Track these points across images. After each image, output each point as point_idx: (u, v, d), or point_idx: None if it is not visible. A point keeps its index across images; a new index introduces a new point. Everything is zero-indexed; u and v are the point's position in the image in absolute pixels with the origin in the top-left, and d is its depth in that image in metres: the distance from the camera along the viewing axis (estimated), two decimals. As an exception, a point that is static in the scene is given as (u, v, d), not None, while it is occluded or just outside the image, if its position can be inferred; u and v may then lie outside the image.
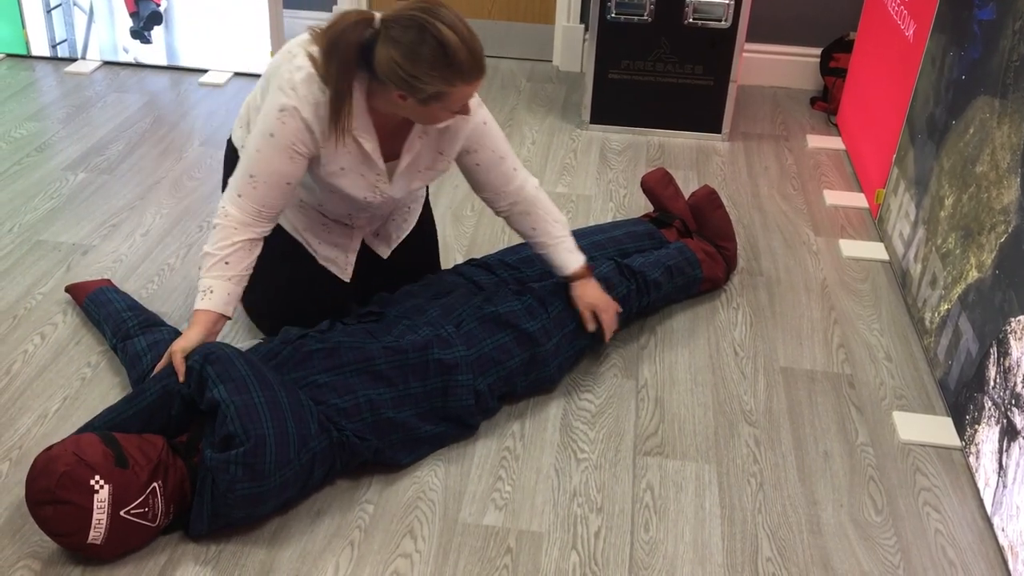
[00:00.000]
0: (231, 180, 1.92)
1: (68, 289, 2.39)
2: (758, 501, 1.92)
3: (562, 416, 2.12)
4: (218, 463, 1.70)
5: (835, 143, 3.39)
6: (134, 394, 1.85)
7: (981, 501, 1.94)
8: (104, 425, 1.81)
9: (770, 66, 3.81)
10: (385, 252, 2.26)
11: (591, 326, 2.16)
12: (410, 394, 1.94)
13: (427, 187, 2.34)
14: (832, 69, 3.59)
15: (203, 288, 1.89)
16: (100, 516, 1.62)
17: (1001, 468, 1.87)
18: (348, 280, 2.21)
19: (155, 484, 1.69)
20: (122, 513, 1.64)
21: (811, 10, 3.68)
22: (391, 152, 1.98)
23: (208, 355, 1.79)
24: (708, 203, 2.57)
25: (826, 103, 3.62)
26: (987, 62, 2.20)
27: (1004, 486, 1.84)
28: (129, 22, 3.69)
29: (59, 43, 3.77)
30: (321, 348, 1.93)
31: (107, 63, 3.79)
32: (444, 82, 1.75)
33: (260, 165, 1.87)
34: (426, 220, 2.35)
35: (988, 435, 1.94)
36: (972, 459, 2.00)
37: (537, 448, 2.03)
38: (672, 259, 2.40)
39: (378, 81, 1.80)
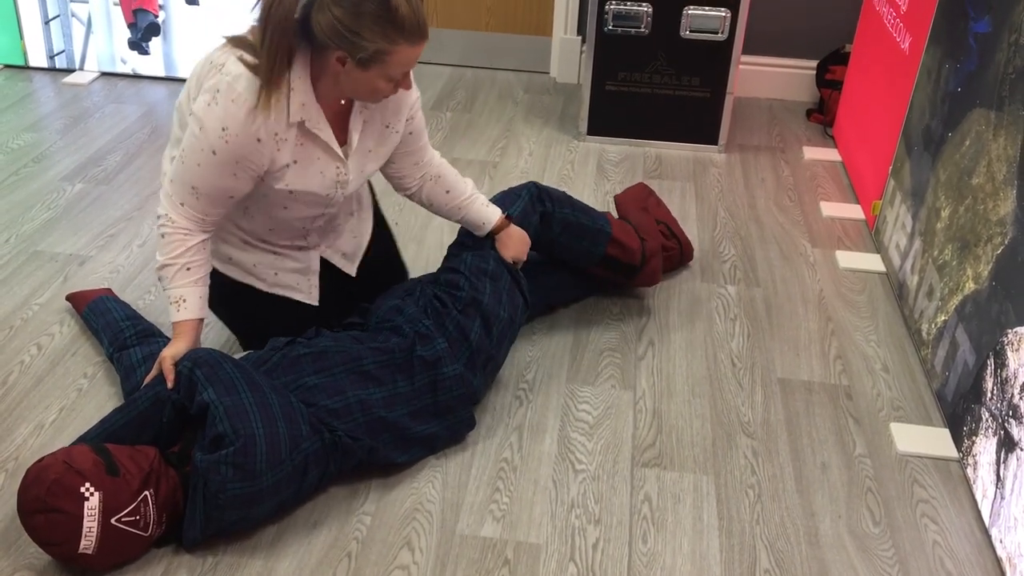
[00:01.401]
0: (171, 184, 1.86)
1: (69, 298, 2.40)
2: (756, 513, 1.92)
3: (560, 427, 2.11)
4: (208, 464, 1.70)
5: (831, 155, 3.40)
6: (126, 404, 1.86)
7: (979, 513, 1.94)
8: (97, 437, 1.81)
9: (766, 78, 3.82)
10: (352, 269, 2.21)
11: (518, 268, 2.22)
12: (399, 393, 1.95)
13: (374, 197, 2.31)
14: (828, 81, 3.60)
15: (175, 299, 1.88)
16: (91, 524, 1.61)
17: (999, 480, 1.87)
18: (316, 303, 2.15)
19: (146, 492, 1.68)
20: (113, 521, 1.64)
21: (807, 22, 3.70)
22: (341, 139, 1.94)
23: (197, 359, 1.80)
24: (634, 203, 2.61)
25: (822, 115, 3.64)
26: (983, 74, 2.21)
27: (1002, 497, 1.85)
28: (127, 33, 3.70)
29: (57, 54, 3.77)
30: (309, 352, 1.94)
31: (105, 74, 3.79)
32: (385, 39, 1.71)
33: (202, 180, 1.82)
34: (384, 235, 2.32)
35: (985, 447, 1.94)
36: (970, 471, 2.01)
37: (535, 459, 2.03)
38: (587, 210, 2.39)
39: (317, 51, 1.76)
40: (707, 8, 3.17)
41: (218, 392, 1.75)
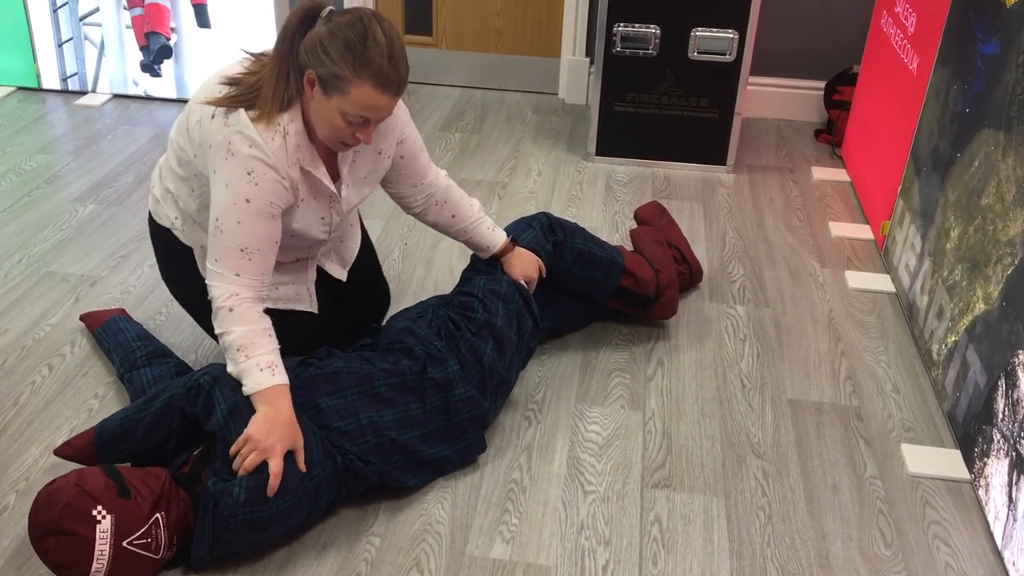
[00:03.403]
0: (217, 263, 1.81)
1: (83, 317, 2.41)
2: (767, 534, 1.91)
3: (569, 448, 2.11)
4: (221, 488, 1.70)
5: (840, 175, 3.40)
6: (144, 402, 1.87)
7: (991, 535, 1.92)
8: (118, 425, 1.85)
9: (774, 99, 3.83)
10: (343, 274, 2.24)
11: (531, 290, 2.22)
12: (411, 415, 1.94)
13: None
14: (836, 102, 3.61)
15: (266, 365, 1.77)
16: (103, 547, 1.61)
17: (1011, 501, 1.85)
18: (316, 311, 2.16)
19: (158, 515, 1.68)
20: (125, 544, 1.64)
21: (815, 44, 3.71)
22: (333, 173, 1.96)
23: (218, 377, 1.80)
24: (648, 236, 2.62)
25: (830, 135, 3.64)
26: (991, 95, 2.21)
27: (1014, 519, 1.83)
28: (139, 56, 3.73)
29: (70, 76, 3.81)
30: (321, 374, 1.94)
31: (117, 96, 3.82)
32: (349, 67, 1.70)
33: (247, 236, 1.79)
34: (365, 239, 2.35)
35: (997, 468, 1.93)
36: (981, 492, 1.99)
37: (544, 480, 2.02)
38: (599, 242, 2.39)
39: (300, 82, 1.77)
40: (715, 30, 3.19)
41: (234, 414, 1.75)
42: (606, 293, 2.38)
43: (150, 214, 2.12)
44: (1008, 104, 2.11)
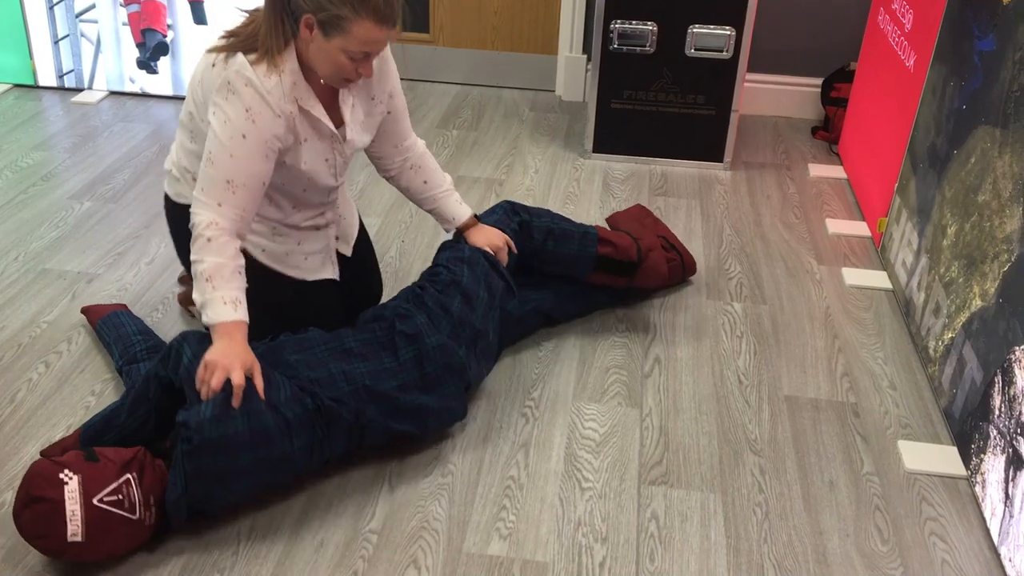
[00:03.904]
0: (203, 192, 1.87)
1: (84, 311, 2.42)
2: (763, 531, 1.91)
3: (566, 445, 2.11)
4: (188, 413, 1.73)
5: (837, 172, 3.40)
6: (126, 392, 1.94)
7: (988, 531, 1.93)
8: (99, 420, 1.89)
9: (771, 96, 3.83)
10: (348, 250, 2.32)
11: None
12: (384, 368, 1.97)
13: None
14: (833, 99, 3.61)
15: (229, 300, 1.82)
16: (73, 507, 1.62)
17: (1007, 498, 1.86)
18: (337, 277, 2.25)
19: (129, 475, 1.70)
20: (95, 501, 1.65)
21: (812, 41, 3.71)
22: (336, 119, 2.04)
23: (187, 336, 1.86)
24: (626, 216, 2.67)
25: (827, 132, 3.64)
26: (988, 92, 2.22)
27: (1011, 516, 1.84)
28: (136, 53, 3.73)
29: (66, 73, 3.80)
30: (289, 339, 1.99)
31: (114, 93, 3.82)
32: (349, 8, 1.79)
33: (237, 170, 1.86)
34: (361, 225, 2.43)
35: (994, 464, 1.93)
36: (978, 488, 2.00)
37: (541, 477, 2.02)
38: (567, 219, 2.44)
39: (297, 24, 1.84)
40: (712, 27, 3.18)
41: (198, 355, 1.80)
42: (587, 266, 2.38)
43: (167, 196, 2.19)
44: (1005, 101, 2.11)
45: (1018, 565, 1.79)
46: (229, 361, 1.76)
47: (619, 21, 3.21)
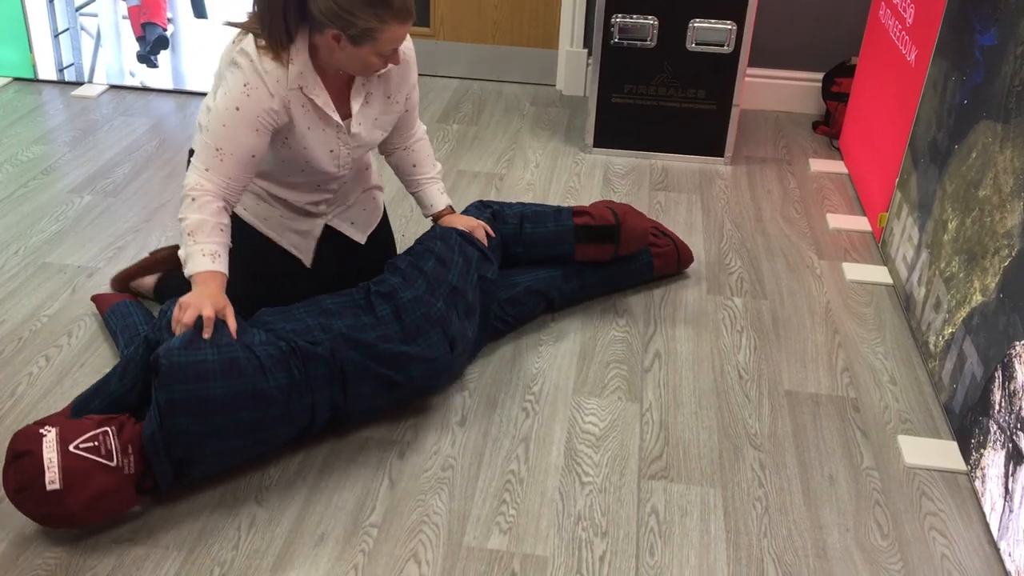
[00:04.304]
0: (196, 157, 1.97)
1: (94, 298, 2.44)
2: (763, 525, 1.92)
3: (566, 439, 2.11)
4: (159, 348, 1.79)
5: (838, 167, 3.40)
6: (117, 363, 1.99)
7: (987, 526, 1.93)
8: (91, 387, 1.93)
9: (772, 90, 3.83)
10: (361, 237, 2.36)
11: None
12: (362, 323, 2.03)
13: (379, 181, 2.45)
14: (834, 94, 3.61)
15: (208, 252, 1.91)
16: (50, 455, 1.66)
17: (1007, 492, 1.86)
18: (308, 264, 2.29)
19: (107, 428, 1.74)
20: (71, 448, 1.68)
21: (813, 35, 3.71)
22: (344, 111, 2.09)
23: (174, 299, 1.91)
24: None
25: (828, 127, 3.64)
26: (989, 87, 2.21)
27: (1010, 511, 1.84)
28: (136, 46, 3.72)
29: (66, 67, 3.80)
30: (270, 309, 2.06)
31: (114, 87, 3.81)
32: (376, 18, 1.86)
33: (227, 139, 1.93)
34: (387, 222, 2.49)
35: (994, 459, 1.93)
36: (978, 483, 2.00)
37: (541, 471, 2.02)
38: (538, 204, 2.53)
39: (316, 29, 1.92)
40: (713, 21, 3.18)
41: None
42: (568, 239, 2.44)
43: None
44: (1006, 96, 2.11)
45: (1018, 560, 1.79)
46: (201, 301, 1.86)
47: (620, 15, 3.20)
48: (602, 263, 2.51)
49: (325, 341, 1.94)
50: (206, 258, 1.90)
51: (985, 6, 2.29)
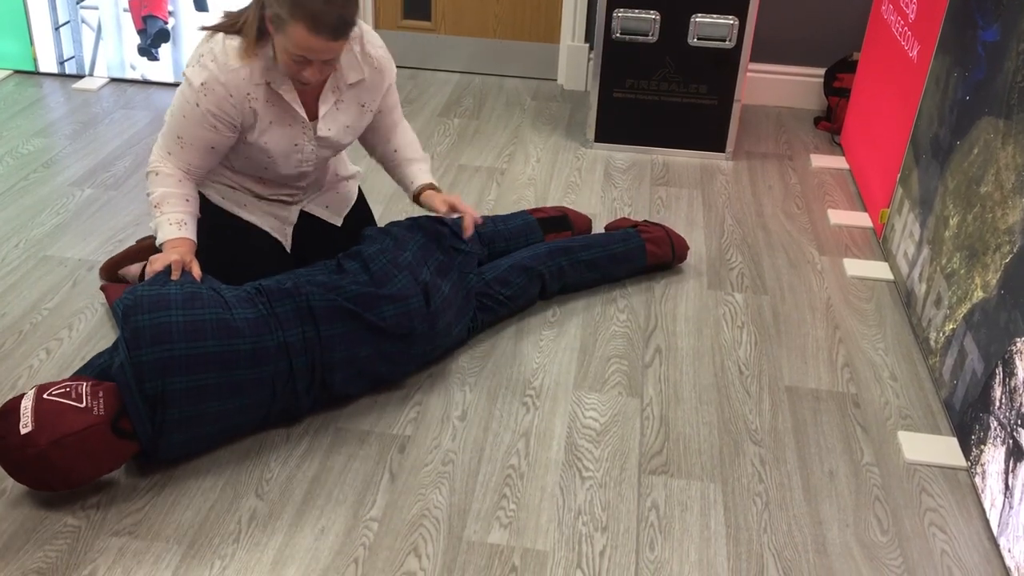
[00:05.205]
0: (161, 137, 2.10)
1: (103, 288, 2.46)
2: (763, 521, 1.92)
3: (567, 434, 2.11)
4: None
5: (839, 163, 3.39)
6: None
7: (987, 522, 1.93)
8: (87, 363, 2.03)
9: (774, 86, 3.83)
10: (337, 220, 2.41)
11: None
12: (333, 278, 2.08)
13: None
14: (836, 89, 3.60)
15: (175, 221, 2.03)
16: (26, 403, 1.77)
17: (1007, 488, 1.86)
18: (289, 250, 2.34)
19: (83, 382, 1.83)
20: (44, 396, 1.77)
21: (815, 31, 3.70)
22: (313, 113, 2.12)
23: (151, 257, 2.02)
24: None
25: (830, 123, 3.64)
26: (991, 83, 2.21)
27: (1010, 507, 1.84)
28: (136, 39, 3.72)
29: (67, 60, 3.79)
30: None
31: (114, 80, 3.81)
32: (287, 9, 1.85)
33: (186, 129, 2.04)
34: (360, 194, 2.52)
35: (994, 455, 1.94)
36: (978, 479, 2.00)
37: (542, 466, 2.03)
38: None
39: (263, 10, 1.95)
40: (715, 16, 3.18)
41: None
42: (536, 230, 2.60)
43: None
44: (1008, 92, 2.11)
45: (1017, 556, 1.79)
46: (168, 254, 1.99)
47: (622, 10, 3.20)
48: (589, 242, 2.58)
49: (291, 284, 2.02)
50: (173, 226, 2.02)
51: (988, 2, 2.29)
